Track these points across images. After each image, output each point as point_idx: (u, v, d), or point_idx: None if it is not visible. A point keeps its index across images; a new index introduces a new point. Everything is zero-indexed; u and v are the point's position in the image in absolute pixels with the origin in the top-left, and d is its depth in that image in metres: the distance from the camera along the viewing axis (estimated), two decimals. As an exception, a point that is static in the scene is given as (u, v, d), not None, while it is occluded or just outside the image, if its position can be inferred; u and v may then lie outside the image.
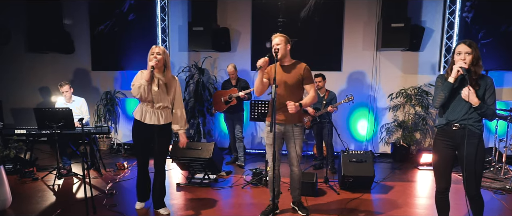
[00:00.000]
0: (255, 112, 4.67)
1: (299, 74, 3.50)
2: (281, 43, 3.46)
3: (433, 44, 6.33)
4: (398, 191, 4.60)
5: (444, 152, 2.94)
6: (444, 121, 2.90)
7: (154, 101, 3.46)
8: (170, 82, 3.53)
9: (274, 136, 3.16)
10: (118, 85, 7.40)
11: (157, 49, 3.43)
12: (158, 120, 3.51)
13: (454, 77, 2.76)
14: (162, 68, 3.49)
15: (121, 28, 7.25)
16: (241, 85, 5.63)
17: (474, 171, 2.82)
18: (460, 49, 2.79)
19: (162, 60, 3.42)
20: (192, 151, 4.67)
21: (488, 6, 6.10)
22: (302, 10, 6.67)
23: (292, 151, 3.59)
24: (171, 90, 3.54)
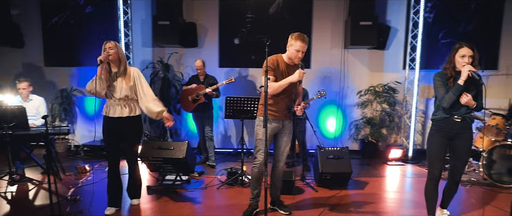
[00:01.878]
0: (230, 110, 4.50)
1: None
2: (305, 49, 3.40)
3: (398, 43, 6.52)
4: (374, 187, 4.65)
5: (441, 141, 3.18)
6: (447, 115, 3.12)
7: (114, 93, 3.47)
8: (127, 73, 3.53)
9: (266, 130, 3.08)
10: (75, 82, 6.88)
11: (109, 43, 3.45)
12: (122, 112, 3.50)
13: (464, 79, 2.95)
14: (117, 62, 3.49)
15: (78, 21, 6.75)
16: (209, 82, 5.42)
17: (467, 158, 3.20)
18: (464, 52, 3.02)
19: (115, 54, 3.45)
20: (164, 151, 4.40)
21: (448, 7, 6.38)
22: (270, 7, 6.59)
23: (284, 145, 3.57)
24: (130, 81, 3.51)
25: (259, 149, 3.50)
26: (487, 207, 3.93)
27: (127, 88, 3.49)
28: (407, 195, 4.41)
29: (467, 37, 6.37)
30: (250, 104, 4.44)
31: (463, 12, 6.39)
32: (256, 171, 3.54)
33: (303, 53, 3.34)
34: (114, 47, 3.47)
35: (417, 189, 4.59)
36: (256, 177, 3.57)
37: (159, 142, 4.54)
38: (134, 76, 3.56)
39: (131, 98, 3.54)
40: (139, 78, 3.58)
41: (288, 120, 3.55)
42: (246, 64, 6.69)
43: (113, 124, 3.51)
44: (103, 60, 3.36)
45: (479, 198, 4.19)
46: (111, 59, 3.44)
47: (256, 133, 3.51)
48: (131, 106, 3.55)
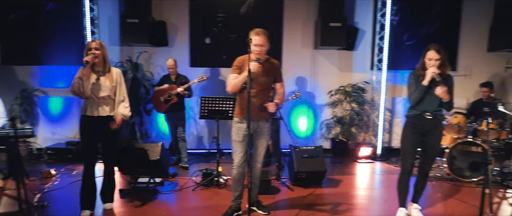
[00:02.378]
0: (205, 110, 4.45)
1: (273, 72, 3.44)
2: (264, 43, 3.31)
3: (365, 44, 6.73)
4: (347, 184, 4.78)
5: (413, 137, 3.38)
6: (418, 112, 3.31)
7: (96, 94, 3.42)
8: (110, 74, 3.51)
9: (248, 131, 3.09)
10: (36, 81, 6.52)
11: (94, 44, 3.39)
12: (103, 111, 3.47)
13: (428, 80, 3.18)
14: (101, 63, 3.46)
15: (39, 18, 6.39)
16: (181, 81, 5.34)
17: (435, 153, 3.42)
18: (431, 55, 3.23)
19: (100, 55, 3.40)
20: (137, 153, 4.28)
21: (412, 10, 6.67)
22: (241, 7, 6.57)
23: (260, 146, 3.53)
24: (113, 81, 3.50)
25: (236, 151, 3.49)
26: (451, 200, 4.15)
27: (110, 87, 3.47)
28: (378, 191, 4.57)
29: (429, 39, 6.66)
30: (225, 104, 4.42)
31: (426, 15, 6.70)
32: (235, 173, 3.53)
33: (261, 47, 3.26)
34: (99, 47, 3.40)
35: (386, 186, 4.77)
36: (236, 179, 3.55)
37: (132, 143, 4.41)
38: (116, 76, 3.54)
39: (112, 98, 3.52)
40: (120, 79, 3.58)
41: (264, 120, 3.49)
42: (218, 64, 6.64)
43: (93, 123, 3.45)
44: (90, 62, 3.31)
45: (445, 192, 4.42)
46: (97, 60, 3.39)
47: (232, 135, 3.49)
48: (111, 106, 3.52)
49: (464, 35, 6.73)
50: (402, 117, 6.88)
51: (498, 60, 6.68)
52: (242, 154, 3.46)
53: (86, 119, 3.46)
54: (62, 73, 6.50)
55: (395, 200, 3.63)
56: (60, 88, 6.53)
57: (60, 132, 6.54)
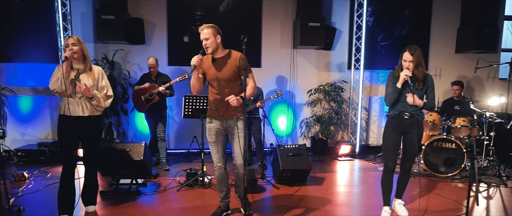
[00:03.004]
0: (189, 108, 4.38)
1: (234, 66, 3.22)
2: (210, 36, 3.17)
3: (342, 44, 6.87)
4: (330, 182, 4.86)
5: (394, 136, 3.44)
6: (397, 112, 3.40)
7: (76, 92, 3.27)
8: (92, 71, 3.39)
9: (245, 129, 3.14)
10: (3, 80, 6.16)
11: (72, 39, 3.26)
12: (82, 111, 3.32)
13: (401, 83, 3.29)
14: (81, 59, 3.33)
15: (5, 13, 6.04)
16: (162, 80, 5.23)
17: (414, 151, 3.44)
18: (405, 57, 3.30)
19: (79, 50, 3.27)
20: (119, 153, 4.15)
21: (386, 12, 6.88)
22: (220, 5, 6.53)
23: (236, 146, 3.32)
24: (94, 79, 3.37)
25: (211, 152, 3.43)
26: (431, 195, 4.32)
27: (91, 85, 3.32)
28: (361, 187, 4.67)
29: (402, 40, 6.92)
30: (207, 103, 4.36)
31: (398, 17, 6.93)
32: (216, 174, 3.49)
33: (206, 40, 3.17)
34: (77, 42, 3.27)
35: (368, 183, 4.89)
36: (218, 180, 3.51)
37: (113, 144, 4.27)
38: (98, 74, 3.42)
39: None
40: (102, 77, 3.45)
41: (234, 119, 3.27)
42: (197, 63, 6.55)
43: (72, 123, 3.28)
44: (69, 57, 3.19)
45: (423, 188, 4.59)
46: (76, 56, 3.25)
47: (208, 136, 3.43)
48: (92, 105, 3.36)
49: (434, 37, 7.03)
50: (378, 116, 7.10)
51: (465, 61, 7.03)
52: (218, 155, 3.40)
53: (65, 119, 3.30)
54: (31, 71, 6.19)
55: (378, 196, 3.74)
56: (30, 86, 6.21)
57: (30, 133, 6.23)
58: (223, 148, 3.44)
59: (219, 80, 3.26)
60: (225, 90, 3.26)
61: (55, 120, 6.21)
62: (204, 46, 3.20)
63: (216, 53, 3.26)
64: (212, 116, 3.34)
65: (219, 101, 3.25)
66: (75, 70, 3.30)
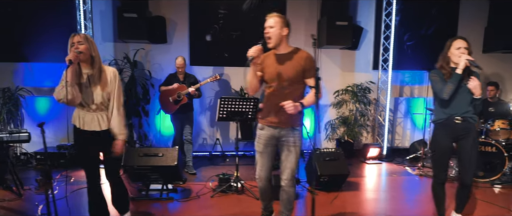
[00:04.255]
0: (224, 111, 4.18)
1: (299, 65, 2.76)
2: (275, 25, 2.74)
3: (368, 43, 6.68)
4: (367, 187, 4.68)
5: (445, 145, 3.10)
6: (446, 116, 3.05)
7: (88, 103, 2.75)
8: (103, 75, 2.78)
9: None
10: (19, 80, 5.96)
11: (77, 37, 2.68)
12: (99, 125, 2.80)
13: (462, 68, 2.91)
14: (89, 60, 2.72)
15: (22, 10, 5.83)
16: (190, 81, 5.04)
17: (472, 159, 3.04)
18: (460, 44, 3.00)
19: (86, 49, 2.67)
20: (152, 159, 3.96)
21: (412, 11, 6.68)
22: (244, 3, 6.33)
23: (286, 161, 2.87)
24: (107, 84, 2.78)
25: (256, 162, 3.01)
26: (477, 201, 4.12)
27: (104, 94, 2.77)
28: (403, 194, 4.47)
29: (427, 40, 6.74)
30: (245, 105, 4.17)
31: (425, 16, 6.74)
32: (259, 185, 3.08)
33: (270, 28, 2.76)
34: (84, 40, 2.68)
35: (407, 188, 4.70)
36: (260, 191, 3.14)
37: (144, 149, 4.07)
38: (111, 78, 2.81)
39: (107, 107, 2.83)
40: (116, 82, 2.83)
41: (289, 128, 2.83)
42: (219, 62, 6.36)
43: (88, 138, 2.80)
44: (73, 60, 2.55)
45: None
46: (82, 57, 2.66)
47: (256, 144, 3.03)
48: (109, 116, 2.84)
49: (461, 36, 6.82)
50: (403, 117, 6.91)
51: (492, 61, 6.84)
52: (263, 168, 2.96)
53: (80, 133, 2.80)
54: (49, 71, 5.99)
55: (424, 204, 3.55)
56: (47, 87, 6.01)
57: (48, 135, 5.95)
58: (271, 161, 3.01)
59: (280, 81, 2.79)
60: (284, 93, 2.78)
61: (74, 122, 6.03)
62: (266, 35, 2.77)
63: (279, 47, 2.83)
64: (265, 122, 2.92)
65: (276, 105, 2.77)
66: (84, 74, 2.73)
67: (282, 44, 2.83)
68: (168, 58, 6.19)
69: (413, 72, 6.82)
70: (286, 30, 2.80)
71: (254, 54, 2.72)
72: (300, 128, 2.88)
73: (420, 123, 6.92)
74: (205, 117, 6.45)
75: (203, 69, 6.25)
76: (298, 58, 2.80)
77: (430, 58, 6.72)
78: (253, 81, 2.88)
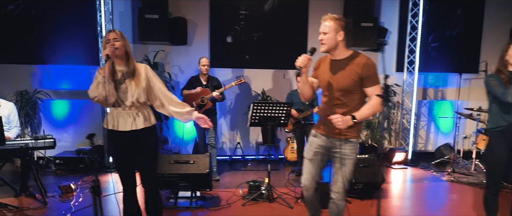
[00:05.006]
0: (256, 116, 4.03)
1: (355, 73, 2.51)
2: (329, 31, 2.51)
3: (391, 45, 6.51)
4: (401, 194, 4.54)
5: (503, 154, 2.92)
6: (507, 123, 2.87)
7: (124, 100, 2.65)
8: (137, 72, 2.70)
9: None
10: (36, 82, 5.81)
11: (113, 34, 2.63)
12: (135, 124, 2.68)
13: None
14: (123, 57, 2.66)
15: (42, 11, 5.70)
16: (214, 84, 4.89)
17: None
18: None
19: (122, 46, 2.62)
20: (183, 166, 3.81)
21: (436, 11, 6.52)
22: (266, 3, 6.17)
23: (337, 173, 2.67)
24: (141, 81, 2.69)
25: (303, 169, 2.82)
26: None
27: (139, 91, 2.66)
28: (442, 202, 4.31)
29: (452, 41, 6.58)
30: (278, 111, 4.02)
31: (450, 17, 6.58)
32: (304, 194, 2.90)
33: (323, 34, 2.54)
34: (119, 37, 2.63)
35: (442, 196, 4.55)
36: (305, 202, 2.97)
37: (174, 156, 3.92)
38: (146, 75, 2.72)
39: (143, 103, 2.72)
40: (152, 77, 2.75)
41: (342, 139, 2.59)
42: (240, 64, 6.21)
43: (124, 139, 2.70)
44: (111, 55, 2.51)
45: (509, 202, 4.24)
46: (118, 54, 2.60)
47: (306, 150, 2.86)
48: (144, 114, 2.73)
49: (486, 37, 6.67)
50: (427, 121, 6.75)
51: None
52: (309, 176, 2.75)
53: (115, 135, 2.70)
54: (67, 73, 5.85)
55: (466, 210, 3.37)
56: (65, 89, 5.87)
57: (66, 139, 5.88)
58: (318, 169, 2.79)
59: (332, 89, 2.59)
60: (336, 103, 2.59)
61: (92, 125, 5.90)
62: (320, 42, 2.59)
63: (334, 53, 2.60)
64: (318, 130, 2.73)
65: (328, 114, 2.56)
66: (118, 72, 2.66)
67: (338, 49, 2.59)
68: (187, 60, 6.05)
69: (437, 74, 6.67)
70: (342, 34, 2.55)
71: (302, 64, 2.52)
72: (356, 140, 2.64)
73: (444, 126, 6.76)
74: (225, 120, 6.30)
75: (223, 71, 6.10)
76: (354, 65, 2.54)
77: (455, 60, 6.67)
78: (303, 90, 2.74)
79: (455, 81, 6.67)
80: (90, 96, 2.59)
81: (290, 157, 5.98)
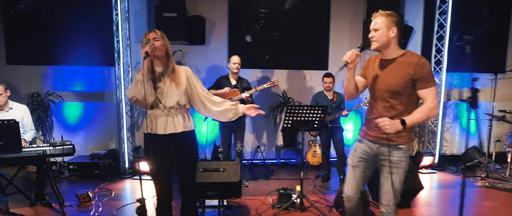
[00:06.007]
0: (289, 120, 3.77)
1: (406, 74, 2.30)
2: (381, 27, 2.35)
3: (415, 44, 6.26)
4: (436, 201, 4.27)
5: None
6: None
7: (162, 101, 2.53)
8: (177, 73, 2.59)
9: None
10: (48, 84, 5.57)
11: (153, 33, 2.52)
12: (175, 127, 2.55)
13: None
14: (163, 58, 2.56)
15: (53, 10, 5.45)
16: (243, 85, 4.66)
17: None
18: None
19: (162, 46, 2.51)
20: (213, 174, 3.55)
21: (462, 10, 6.26)
22: (286, 1, 5.92)
23: (386, 184, 2.42)
24: (181, 83, 2.57)
25: (346, 176, 2.63)
26: None
27: (179, 92, 2.55)
28: (485, 209, 4.08)
29: (478, 40, 6.34)
30: (312, 114, 3.76)
31: (476, 16, 6.34)
32: (346, 205, 2.64)
33: (374, 31, 2.39)
34: (160, 37, 2.53)
35: (483, 204, 4.30)
36: (347, 213, 2.69)
37: (203, 163, 3.66)
38: (187, 77, 2.62)
39: (183, 106, 2.60)
40: (193, 80, 2.64)
41: (391, 146, 2.36)
42: (259, 65, 5.97)
43: (163, 143, 2.55)
44: (150, 53, 2.42)
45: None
46: (157, 54, 2.50)
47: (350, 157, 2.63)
48: (184, 117, 2.61)
49: (512, 37, 6.45)
50: (452, 123, 6.50)
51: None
52: (353, 185, 2.54)
53: (153, 139, 2.54)
54: (79, 74, 5.60)
55: None
56: (77, 91, 5.62)
57: (79, 143, 5.61)
58: (363, 178, 2.57)
59: (381, 90, 2.40)
60: (384, 105, 2.39)
61: (106, 128, 5.65)
62: (370, 39, 2.40)
63: (385, 51, 2.41)
64: (364, 134, 2.54)
65: (375, 118, 2.39)
66: (157, 73, 2.54)
67: (390, 47, 2.39)
68: (205, 60, 5.82)
69: (461, 74, 6.42)
70: (396, 31, 2.36)
71: (349, 59, 2.37)
72: (406, 147, 2.40)
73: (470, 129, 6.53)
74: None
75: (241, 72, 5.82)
76: (405, 65, 2.33)
77: (481, 59, 6.42)
78: (348, 87, 2.53)
79: (482, 81, 6.44)
80: (128, 96, 2.51)
81: (312, 161, 5.73)
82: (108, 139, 5.72)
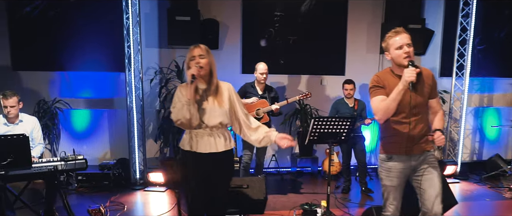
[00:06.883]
0: (315, 133, 3.54)
1: (428, 86, 2.44)
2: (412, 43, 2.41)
3: (435, 48, 6.04)
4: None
5: None
6: None
7: (205, 120, 2.43)
8: (220, 90, 2.51)
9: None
10: (56, 91, 5.34)
11: (199, 50, 2.43)
12: (216, 146, 2.47)
13: None
14: (207, 76, 2.47)
15: (60, 13, 5.22)
16: (271, 95, 4.42)
17: None
18: None
19: (207, 64, 2.43)
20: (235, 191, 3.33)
21: (483, 12, 6.04)
22: (302, 4, 5.69)
23: (430, 188, 2.41)
24: (224, 101, 2.50)
25: (387, 198, 2.55)
26: None
27: (221, 112, 2.46)
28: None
29: (499, 44, 6.13)
30: (339, 126, 3.53)
31: (497, 18, 6.11)
32: None
33: (409, 46, 2.35)
34: (205, 53, 2.43)
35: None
36: None
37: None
38: (230, 96, 2.52)
39: (225, 125, 2.51)
40: (235, 100, 2.55)
41: (424, 152, 2.44)
42: (274, 70, 5.66)
43: (202, 162, 2.45)
44: (197, 76, 2.36)
45: None
46: (203, 73, 2.41)
47: (380, 177, 2.58)
48: (225, 136, 2.52)
49: (535, 40, 6.21)
50: (472, 129, 6.28)
51: None
52: (397, 205, 2.52)
53: (192, 157, 2.45)
54: (87, 80, 5.37)
55: None
56: (85, 98, 5.39)
57: (86, 152, 5.38)
58: (402, 193, 2.54)
59: (411, 105, 2.36)
60: (414, 119, 2.40)
61: (115, 137, 5.42)
62: (406, 55, 2.34)
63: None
64: (396, 151, 2.45)
65: (409, 133, 2.39)
66: (200, 91, 2.45)
67: None
68: (218, 66, 5.27)
69: (482, 79, 6.20)
70: None
71: (414, 79, 2.26)
72: (432, 151, 2.49)
73: (491, 135, 6.31)
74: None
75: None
76: (424, 77, 2.44)
77: (502, 64, 6.20)
78: (394, 107, 2.37)
79: (503, 86, 6.22)
80: (173, 119, 2.42)
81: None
82: (118, 148, 5.48)
